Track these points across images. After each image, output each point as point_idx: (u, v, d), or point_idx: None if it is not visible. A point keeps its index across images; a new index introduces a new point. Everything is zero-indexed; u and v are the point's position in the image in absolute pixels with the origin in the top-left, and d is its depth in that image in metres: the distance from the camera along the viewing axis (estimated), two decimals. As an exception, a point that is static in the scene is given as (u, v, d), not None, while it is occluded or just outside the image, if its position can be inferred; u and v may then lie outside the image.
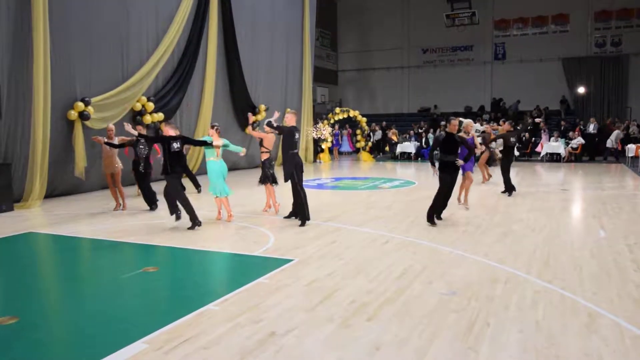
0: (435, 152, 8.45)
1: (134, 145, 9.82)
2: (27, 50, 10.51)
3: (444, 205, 8.58)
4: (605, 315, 4.43)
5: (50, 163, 10.93)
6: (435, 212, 8.37)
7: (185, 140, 8.50)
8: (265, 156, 9.29)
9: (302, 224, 8.33)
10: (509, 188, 11.51)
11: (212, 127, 8.84)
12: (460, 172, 9.03)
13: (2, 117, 10.17)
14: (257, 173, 10.05)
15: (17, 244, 7.57)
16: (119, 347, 3.87)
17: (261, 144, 9.37)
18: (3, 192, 9.91)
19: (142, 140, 9.63)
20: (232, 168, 18.09)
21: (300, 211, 8.49)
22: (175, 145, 8.07)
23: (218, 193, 8.72)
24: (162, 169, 8.26)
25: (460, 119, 9.16)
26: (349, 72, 32.09)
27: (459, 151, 8.32)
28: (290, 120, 8.67)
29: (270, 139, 9.34)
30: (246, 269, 6.19)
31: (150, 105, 13.78)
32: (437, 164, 8.28)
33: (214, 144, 8.52)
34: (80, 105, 11.58)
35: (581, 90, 26.46)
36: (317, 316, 4.48)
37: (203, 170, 10.96)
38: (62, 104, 11.40)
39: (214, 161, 8.67)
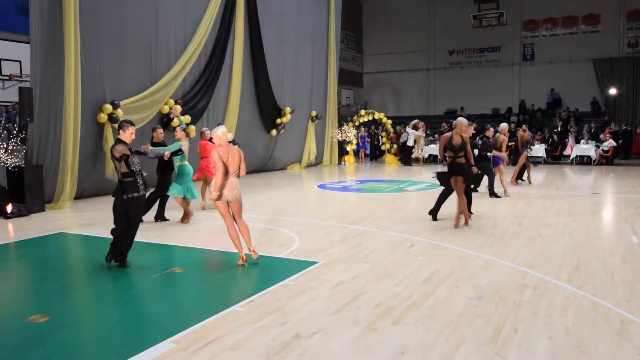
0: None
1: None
2: (58, 54, 10.74)
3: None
4: (638, 323, 4.32)
5: (80, 165, 11.16)
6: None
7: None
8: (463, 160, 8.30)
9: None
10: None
11: (183, 129, 8.83)
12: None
13: (35, 120, 10.41)
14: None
15: (48, 244, 7.74)
16: (147, 347, 3.93)
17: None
18: (35, 193, 10.14)
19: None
20: (258, 170, 18.22)
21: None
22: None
23: (190, 195, 8.82)
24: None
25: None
26: (374, 74, 31.97)
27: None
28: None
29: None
30: (271, 270, 6.20)
31: (178, 108, 13.93)
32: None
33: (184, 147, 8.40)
34: (109, 107, 11.80)
35: (613, 91, 25.85)
36: (342, 319, 4.47)
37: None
38: (92, 106, 11.62)
39: (187, 164, 8.93)
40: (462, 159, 8.11)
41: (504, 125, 12.45)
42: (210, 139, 8.76)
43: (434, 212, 8.94)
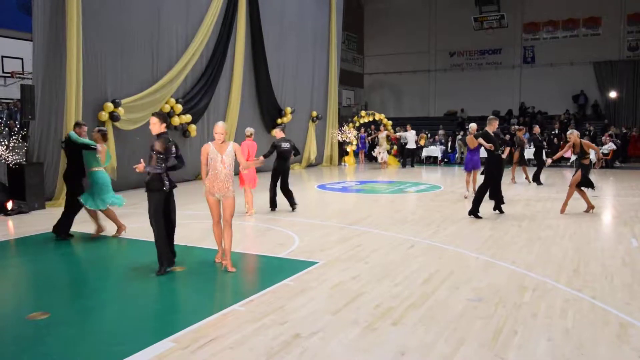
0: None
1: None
2: (60, 52, 10.75)
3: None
4: (638, 326, 4.33)
5: (81, 163, 11.15)
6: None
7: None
8: (586, 161, 10.02)
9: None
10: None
11: (99, 131, 7.77)
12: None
13: (36, 118, 10.42)
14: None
15: (48, 242, 7.73)
16: (146, 345, 3.93)
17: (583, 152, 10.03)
18: (35, 190, 10.16)
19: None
20: (258, 170, 18.19)
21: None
22: None
23: (111, 203, 7.72)
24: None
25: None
26: (375, 75, 32.00)
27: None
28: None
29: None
30: (271, 270, 6.22)
31: (179, 107, 13.96)
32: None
33: (98, 148, 7.50)
34: (110, 106, 11.81)
35: (613, 94, 25.86)
36: (342, 319, 4.47)
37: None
38: (94, 104, 11.63)
39: (102, 170, 7.76)
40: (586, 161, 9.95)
41: (473, 125, 12.10)
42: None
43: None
